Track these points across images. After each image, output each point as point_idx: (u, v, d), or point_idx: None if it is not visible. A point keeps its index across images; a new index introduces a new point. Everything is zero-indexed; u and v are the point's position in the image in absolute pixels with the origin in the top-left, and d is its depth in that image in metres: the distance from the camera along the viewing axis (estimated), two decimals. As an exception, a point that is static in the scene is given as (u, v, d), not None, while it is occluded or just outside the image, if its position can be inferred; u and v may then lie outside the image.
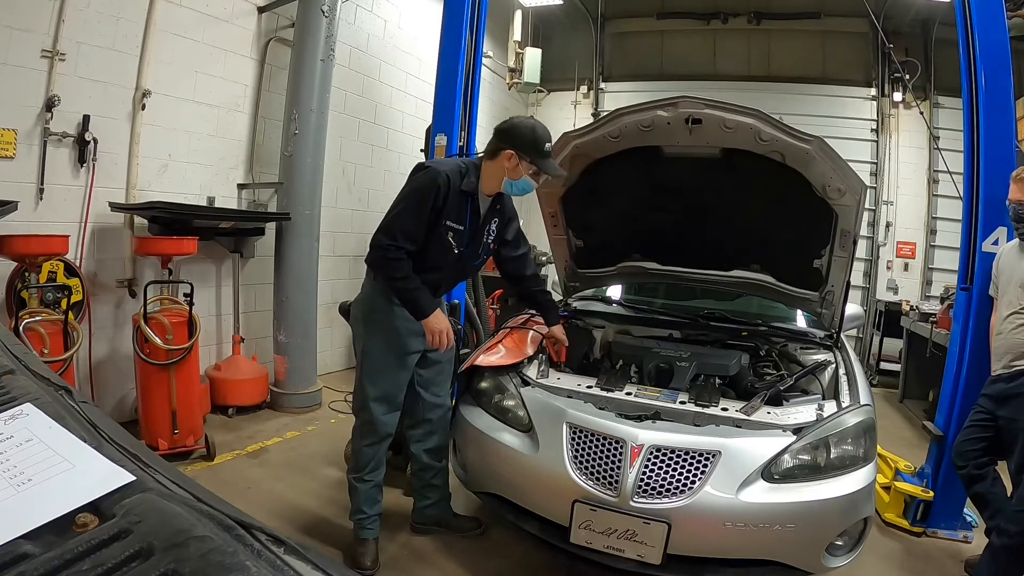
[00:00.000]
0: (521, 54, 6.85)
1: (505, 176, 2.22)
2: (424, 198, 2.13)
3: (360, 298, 2.38)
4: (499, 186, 2.26)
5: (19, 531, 0.47)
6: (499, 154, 2.20)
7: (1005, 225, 2.67)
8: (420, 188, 2.15)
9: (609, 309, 3.40)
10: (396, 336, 2.28)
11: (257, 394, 4.10)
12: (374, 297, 2.28)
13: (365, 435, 2.36)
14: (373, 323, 2.30)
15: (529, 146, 2.17)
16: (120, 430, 0.70)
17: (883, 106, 6.99)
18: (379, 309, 2.27)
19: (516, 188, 2.26)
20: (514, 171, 2.20)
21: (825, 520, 1.95)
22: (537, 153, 2.18)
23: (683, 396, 2.36)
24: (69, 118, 3.25)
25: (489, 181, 2.26)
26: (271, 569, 0.45)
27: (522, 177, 2.22)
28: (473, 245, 2.33)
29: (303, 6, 4.10)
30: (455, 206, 2.19)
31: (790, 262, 2.91)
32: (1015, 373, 2.43)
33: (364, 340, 2.32)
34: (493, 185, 2.26)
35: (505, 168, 2.21)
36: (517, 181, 2.22)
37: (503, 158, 2.19)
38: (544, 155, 2.21)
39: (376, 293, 2.28)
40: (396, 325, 2.26)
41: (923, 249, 6.97)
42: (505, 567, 2.45)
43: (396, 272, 2.13)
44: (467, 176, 2.21)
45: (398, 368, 2.32)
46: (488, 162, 2.25)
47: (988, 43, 2.73)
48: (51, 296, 3.03)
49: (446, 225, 2.19)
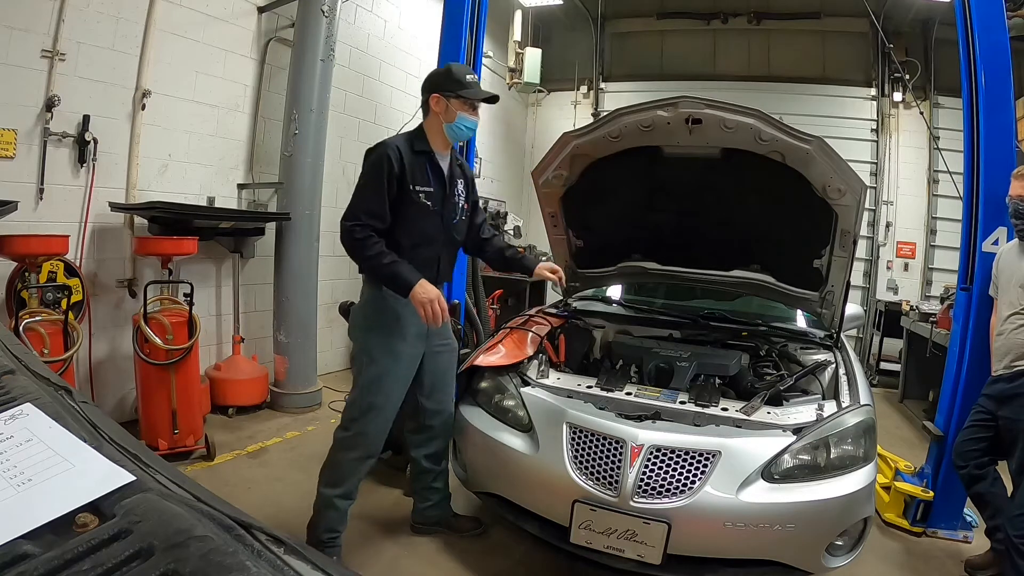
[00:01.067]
0: (521, 54, 6.85)
1: (443, 123, 2.22)
2: (378, 172, 2.11)
3: (360, 304, 2.33)
4: (445, 137, 2.25)
5: (19, 531, 0.47)
6: (428, 105, 2.22)
7: (1005, 225, 2.68)
8: (372, 165, 2.14)
9: (609, 309, 3.40)
10: (401, 343, 2.23)
11: (257, 394, 4.10)
12: (375, 303, 2.23)
13: (354, 447, 2.26)
14: (376, 329, 2.24)
15: (448, 82, 2.19)
16: (120, 430, 0.70)
17: (883, 106, 6.99)
18: (381, 314, 2.22)
19: (458, 130, 2.24)
20: (447, 113, 2.20)
21: (825, 520, 1.96)
22: (459, 85, 2.18)
23: (683, 396, 2.36)
24: (69, 118, 3.25)
25: (435, 137, 2.25)
26: (271, 569, 0.45)
27: (457, 115, 2.20)
28: (448, 205, 2.30)
29: (303, 6, 4.10)
30: (417, 170, 2.18)
31: (790, 262, 2.91)
32: (1015, 373, 2.43)
33: (366, 348, 2.25)
34: (440, 140, 2.25)
35: (438, 114, 2.21)
36: (454, 122, 2.21)
37: (432, 105, 2.21)
38: (467, 85, 2.19)
39: (376, 298, 2.22)
40: (400, 331, 2.22)
41: (923, 249, 6.97)
42: (505, 567, 2.45)
43: (367, 250, 2.07)
44: (416, 140, 2.22)
45: (402, 378, 2.27)
46: (426, 120, 2.27)
47: (988, 43, 2.73)
48: (51, 296, 3.03)
49: (415, 190, 2.17)
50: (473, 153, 3.82)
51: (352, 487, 2.29)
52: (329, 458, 2.32)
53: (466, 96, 2.20)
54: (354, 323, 2.33)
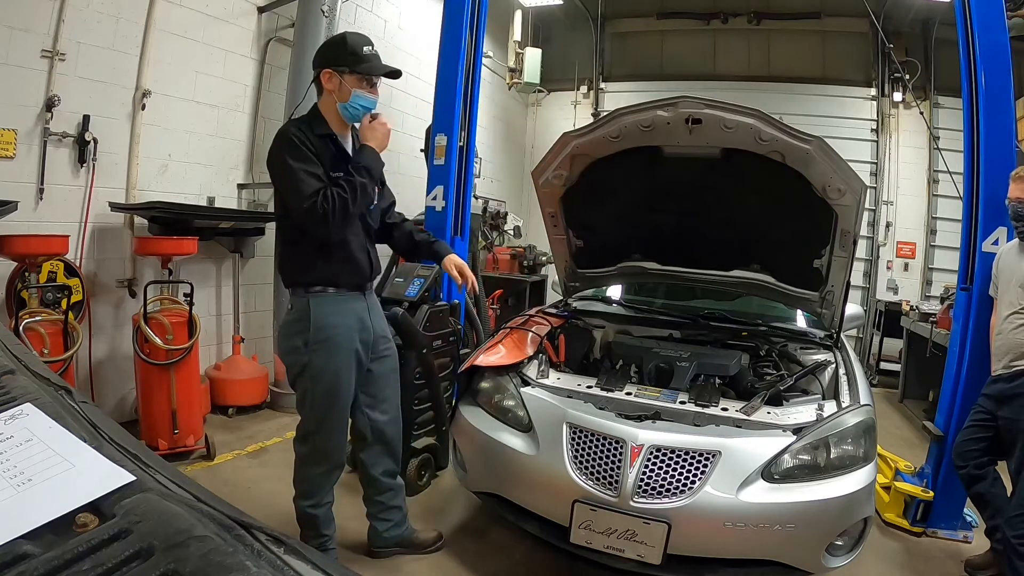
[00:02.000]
0: (521, 54, 6.86)
1: (336, 102, 1.96)
2: (295, 149, 1.87)
3: (291, 321, 2.06)
4: (340, 117, 2.00)
5: (19, 531, 0.47)
6: (320, 82, 1.97)
7: (1005, 225, 2.67)
8: (284, 148, 1.90)
9: (609, 309, 3.41)
10: (345, 351, 2.06)
11: (257, 394, 4.10)
12: (310, 313, 2.01)
13: (318, 462, 2.14)
14: (318, 341, 2.01)
15: (341, 56, 1.93)
16: (120, 430, 0.70)
17: (883, 106, 6.99)
18: (320, 330, 2.01)
19: (354, 112, 1.98)
20: (340, 91, 1.94)
21: (825, 520, 1.96)
22: (354, 59, 1.92)
23: (683, 396, 2.36)
24: (69, 118, 3.25)
25: (332, 117, 2.00)
26: (271, 569, 0.45)
27: (352, 93, 1.94)
28: None
29: (303, 6, 4.10)
30: (324, 155, 1.94)
31: (790, 262, 2.91)
32: (1015, 373, 2.43)
33: (310, 362, 2.02)
34: (337, 120, 2.01)
35: (331, 92, 1.95)
36: (348, 101, 1.95)
37: (324, 82, 1.96)
38: (363, 59, 1.93)
39: (311, 308, 2.01)
40: (342, 338, 2.04)
41: (923, 249, 6.97)
42: (505, 567, 2.45)
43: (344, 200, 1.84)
44: (314, 122, 1.98)
45: (351, 385, 2.10)
46: (320, 100, 2.01)
47: (988, 43, 2.73)
48: (51, 296, 3.03)
49: (330, 176, 1.92)
50: (473, 153, 3.83)
51: (326, 494, 2.19)
52: (297, 473, 2.18)
53: (361, 72, 1.94)
54: (288, 343, 2.06)
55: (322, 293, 2.03)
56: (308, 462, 2.15)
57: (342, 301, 2.06)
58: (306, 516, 2.18)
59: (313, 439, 2.12)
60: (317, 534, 2.19)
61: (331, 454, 2.15)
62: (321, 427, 2.10)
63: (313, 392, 2.06)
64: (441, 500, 2.89)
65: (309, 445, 2.13)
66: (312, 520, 2.18)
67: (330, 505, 2.23)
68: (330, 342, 2.02)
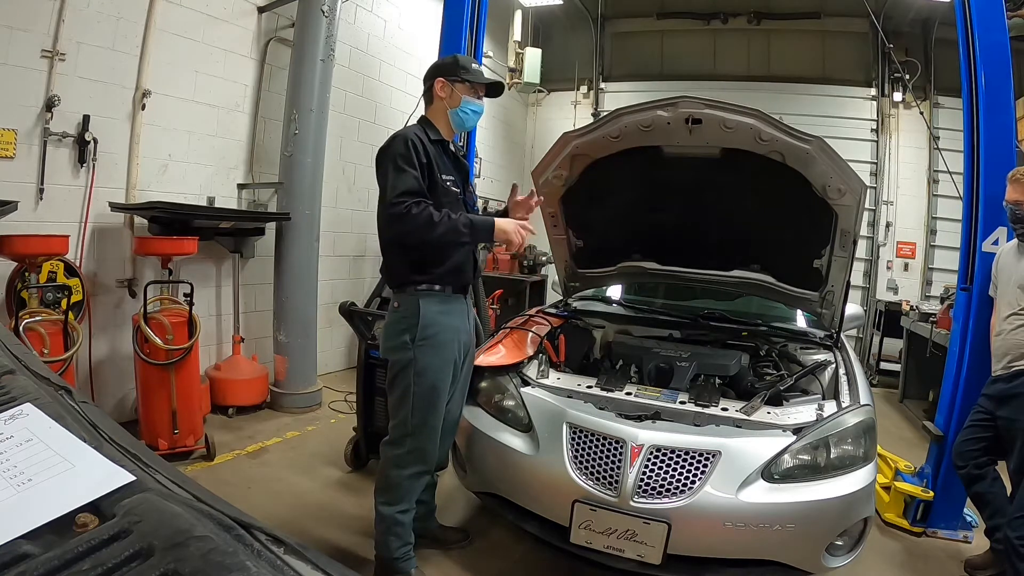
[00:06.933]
0: (521, 54, 6.86)
1: (447, 108, 2.18)
2: (405, 155, 1.99)
3: (399, 318, 2.10)
4: (449, 124, 2.21)
5: (19, 531, 0.47)
6: (432, 92, 2.19)
7: (1005, 225, 2.68)
8: (396, 151, 2.01)
9: (609, 309, 3.40)
10: (448, 350, 2.11)
11: (257, 394, 4.10)
12: (419, 311, 2.06)
13: (412, 463, 2.13)
14: (425, 338, 2.06)
15: (452, 67, 2.17)
16: (120, 430, 0.70)
17: (883, 106, 7.00)
18: (429, 323, 2.06)
19: (464, 116, 2.19)
20: (451, 98, 2.17)
21: (825, 520, 1.95)
22: (462, 70, 2.16)
23: (683, 396, 2.36)
24: (69, 118, 3.25)
25: (441, 125, 2.20)
26: (271, 569, 0.45)
27: (461, 100, 2.16)
28: (467, 193, 2.27)
29: (303, 6, 4.10)
30: (439, 158, 2.12)
31: (790, 262, 2.91)
32: (1015, 373, 2.43)
33: (415, 358, 2.06)
34: (446, 127, 2.21)
35: (443, 99, 2.17)
36: (459, 107, 2.17)
37: (436, 91, 2.17)
38: (471, 71, 2.17)
39: (420, 306, 2.07)
40: (447, 337, 2.10)
41: (923, 249, 6.97)
42: (505, 567, 2.45)
43: (432, 217, 1.92)
44: (428, 129, 2.17)
45: (447, 386, 2.14)
46: (431, 108, 2.22)
47: (988, 43, 2.73)
48: (51, 296, 3.03)
49: (443, 179, 2.10)
50: (473, 153, 3.83)
51: (412, 501, 2.19)
52: (384, 476, 2.17)
53: (471, 80, 2.17)
54: (395, 340, 2.10)
55: (430, 292, 2.10)
56: (402, 464, 2.13)
57: (450, 301, 2.14)
58: (395, 523, 2.14)
59: (410, 440, 2.11)
60: (403, 543, 2.17)
61: (428, 455, 2.15)
62: (420, 427, 2.10)
63: (416, 389, 2.08)
64: (441, 500, 2.88)
65: (405, 447, 2.12)
66: (400, 528, 2.15)
67: (413, 513, 2.21)
68: (436, 339, 2.08)
